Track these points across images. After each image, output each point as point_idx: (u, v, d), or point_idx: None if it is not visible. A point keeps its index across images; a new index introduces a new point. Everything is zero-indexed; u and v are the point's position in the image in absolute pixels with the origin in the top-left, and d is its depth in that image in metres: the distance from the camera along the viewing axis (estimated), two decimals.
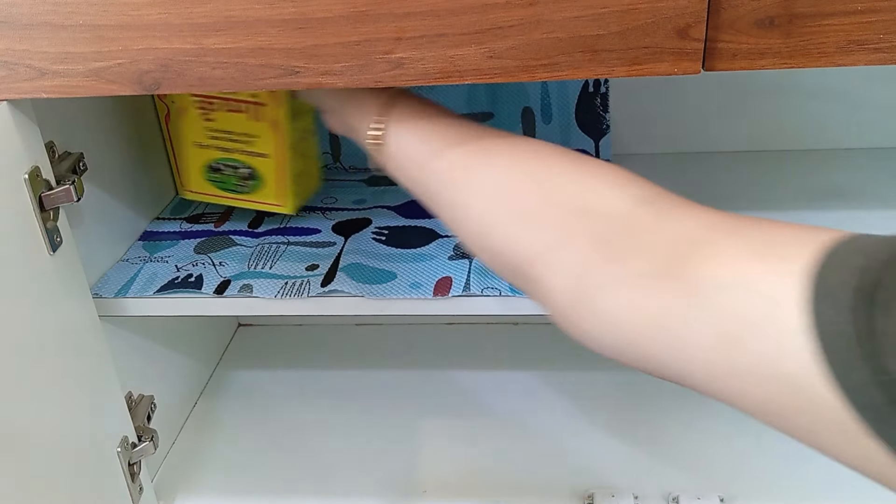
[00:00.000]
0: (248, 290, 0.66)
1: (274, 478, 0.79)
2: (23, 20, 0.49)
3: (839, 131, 0.84)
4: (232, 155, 0.71)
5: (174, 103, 0.71)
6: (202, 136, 0.71)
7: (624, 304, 0.39)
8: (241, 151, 0.71)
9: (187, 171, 0.74)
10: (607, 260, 0.40)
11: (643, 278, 0.39)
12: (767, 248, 0.36)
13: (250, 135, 0.70)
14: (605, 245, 0.41)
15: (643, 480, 0.74)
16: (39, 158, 0.57)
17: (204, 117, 0.70)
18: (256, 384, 0.93)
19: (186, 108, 0.71)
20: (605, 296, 0.40)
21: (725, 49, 0.46)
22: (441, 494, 0.76)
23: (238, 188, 0.73)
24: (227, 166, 0.72)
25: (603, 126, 0.82)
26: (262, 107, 0.68)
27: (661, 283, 0.38)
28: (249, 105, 0.68)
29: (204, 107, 0.70)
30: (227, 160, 0.72)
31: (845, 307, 0.31)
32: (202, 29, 0.49)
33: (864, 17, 0.45)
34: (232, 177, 0.72)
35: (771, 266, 0.35)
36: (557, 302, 0.43)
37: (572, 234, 0.42)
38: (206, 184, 0.74)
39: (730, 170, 0.82)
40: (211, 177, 0.73)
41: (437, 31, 0.47)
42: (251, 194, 0.73)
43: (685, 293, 0.37)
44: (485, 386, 0.89)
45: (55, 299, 0.58)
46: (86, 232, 0.68)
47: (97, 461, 0.63)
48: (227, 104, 0.69)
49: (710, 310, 0.36)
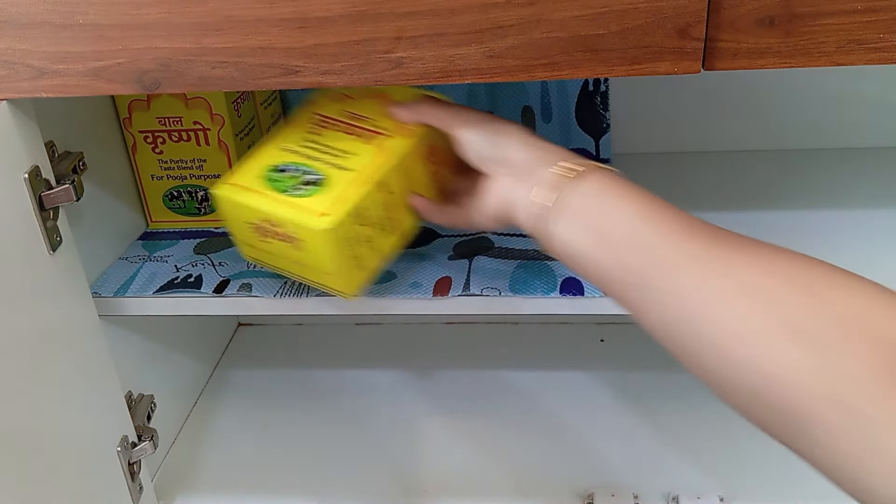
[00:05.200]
0: (247, 290, 0.66)
1: (274, 478, 0.79)
2: (23, 20, 0.49)
3: (839, 131, 0.84)
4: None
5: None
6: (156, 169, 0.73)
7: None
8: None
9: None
10: (890, 387, 0.33)
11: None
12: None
13: (200, 159, 0.69)
14: (887, 372, 0.34)
15: (643, 480, 0.74)
16: (39, 158, 0.57)
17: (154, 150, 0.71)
18: (256, 384, 0.93)
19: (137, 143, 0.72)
20: (887, 433, 0.33)
21: (725, 48, 0.46)
22: (441, 494, 0.76)
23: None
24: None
25: (603, 125, 0.82)
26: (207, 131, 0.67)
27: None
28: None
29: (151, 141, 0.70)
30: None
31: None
32: (202, 28, 0.49)
33: (863, 17, 0.45)
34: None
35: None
36: (832, 445, 0.35)
37: (856, 360, 0.34)
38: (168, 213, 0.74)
39: (730, 170, 0.82)
40: (171, 205, 0.73)
41: (436, 31, 0.47)
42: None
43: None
44: (485, 386, 0.89)
45: (55, 299, 0.58)
46: (86, 231, 0.68)
47: (97, 461, 0.63)
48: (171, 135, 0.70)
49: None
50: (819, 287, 0.37)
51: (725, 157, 0.85)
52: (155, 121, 0.71)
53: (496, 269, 0.66)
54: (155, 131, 0.72)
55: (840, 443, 0.34)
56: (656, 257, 0.41)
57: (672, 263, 0.40)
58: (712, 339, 0.38)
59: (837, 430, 0.34)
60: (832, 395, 0.34)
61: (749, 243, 0.41)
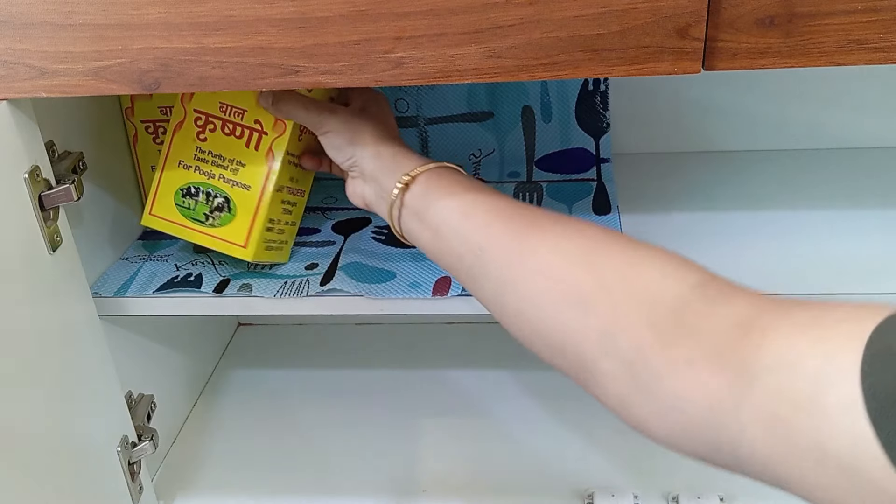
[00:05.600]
0: (247, 290, 0.66)
1: (274, 477, 0.79)
2: (23, 19, 0.49)
3: (839, 131, 0.84)
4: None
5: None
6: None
7: (679, 390, 0.39)
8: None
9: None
10: (662, 345, 0.40)
11: (698, 364, 0.38)
12: (817, 326, 0.35)
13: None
14: (660, 330, 0.40)
15: (643, 480, 0.74)
16: (39, 158, 0.57)
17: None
18: (256, 384, 0.93)
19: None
20: (660, 382, 0.39)
21: (725, 48, 0.46)
22: (441, 494, 0.76)
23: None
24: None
25: (603, 125, 0.82)
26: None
27: (716, 367, 0.37)
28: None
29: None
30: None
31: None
32: (202, 28, 0.49)
33: (863, 17, 0.45)
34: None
35: (819, 344, 0.34)
36: (611, 389, 0.42)
37: (626, 318, 0.41)
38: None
39: (730, 170, 0.82)
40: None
41: (436, 31, 0.47)
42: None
43: (738, 377, 0.36)
44: (485, 386, 0.89)
45: (55, 299, 0.58)
46: (86, 231, 0.68)
47: (97, 461, 0.63)
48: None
49: (760, 393, 0.35)
50: (599, 258, 0.45)
51: (725, 157, 0.85)
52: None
53: None
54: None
55: (623, 389, 0.41)
56: (474, 247, 0.49)
57: (486, 251, 0.48)
58: (520, 309, 0.46)
59: (621, 378, 0.41)
60: (613, 349, 0.41)
61: (545, 222, 0.48)
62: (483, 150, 0.85)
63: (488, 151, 0.85)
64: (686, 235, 0.70)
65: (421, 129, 0.85)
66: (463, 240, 0.50)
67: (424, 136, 0.85)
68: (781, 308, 0.38)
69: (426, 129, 0.84)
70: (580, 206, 0.76)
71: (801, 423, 0.33)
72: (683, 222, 0.72)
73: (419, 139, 0.85)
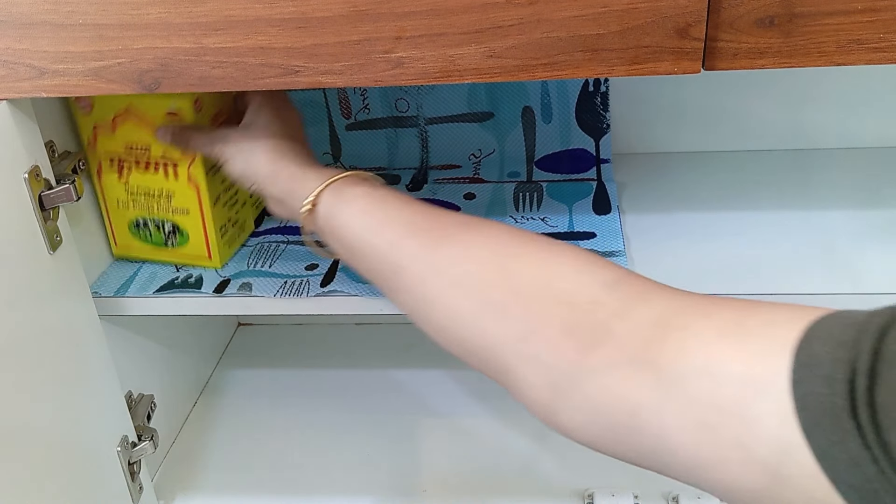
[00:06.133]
0: (247, 290, 0.66)
1: (274, 477, 0.79)
2: (22, 19, 0.49)
3: (839, 131, 0.84)
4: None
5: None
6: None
7: (599, 394, 0.38)
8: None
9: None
10: (580, 349, 0.39)
11: (617, 367, 0.38)
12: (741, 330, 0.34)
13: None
14: (577, 333, 0.40)
15: (643, 480, 0.74)
16: (39, 158, 0.57)
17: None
18: (256, 384, 0.93)
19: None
20: (580, 387, 0.39)
21: (725, 48, 0.46)
22: (441, 494, 0.76)
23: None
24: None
25: (603, 125, 0.82)
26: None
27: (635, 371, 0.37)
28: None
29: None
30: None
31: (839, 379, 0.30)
32: (202, 28, 0.49)
33: (863, 17, 0.45)
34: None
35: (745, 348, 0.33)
36: (531, 395, 0.42)
37: (542, 323, 0.41)
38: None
39: (730, 170, 0.82)
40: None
41: (437, 31, 0.47)
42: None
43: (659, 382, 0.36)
44: (485, 386, 0.89)
45: (55, 299, 0.58)
46: (86, 231, 0.68)
47: (97, 461, 0.63)
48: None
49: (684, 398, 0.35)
50: (512, 263, 0.44)
51: (725, 157, 0.85)
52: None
53: None
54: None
55: (545, 394, 0.41)
56: (391, 265, 0.49)
57: (402, 269, 0.48)
58: (441, 323, 0.46)
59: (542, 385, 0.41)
60: (532, 355, 0.41)
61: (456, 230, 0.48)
62: (483, 150, 0.85)
63: (488, 151, 0.85)
64: (686, 235, 0.70)
65: (421, 129, 0.85)
66: (378, 259, 0.49)
67: (424, 136, 0.85)
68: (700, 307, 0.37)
69: (426, 129, 0.85)
70: (580, 206, 0.76)
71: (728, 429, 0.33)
72: (683, 222, 0.72)
73: (419, 139, 0.85)
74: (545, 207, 0.76)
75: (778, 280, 0.63)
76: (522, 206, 0.76)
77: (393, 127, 0.85)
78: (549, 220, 0.73)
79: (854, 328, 0.31)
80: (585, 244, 0.69)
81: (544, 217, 0.74)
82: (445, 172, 0.84)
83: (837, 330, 0.31)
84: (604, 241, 0.69)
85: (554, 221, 0.73)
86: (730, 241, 0.69)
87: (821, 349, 0.31)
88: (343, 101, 0.84)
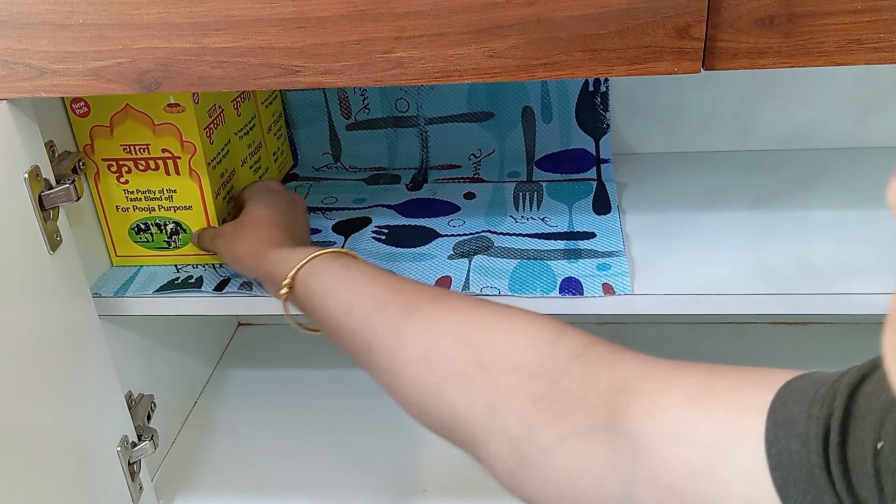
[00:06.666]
0: (247, 289, 0.66)
1: (274, 478, 0.79)
2: (22, 19, 0.49)
3: (839, 131, 0.84)
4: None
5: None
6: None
7: (567, 464, 0.38)
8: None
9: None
10: (546, 419, 0.39)
11: (584, 436, 0.38)
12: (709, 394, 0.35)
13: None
14: (543, 403, 0.40)
15: None
16: (39, 158, 0.57)
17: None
18: (256, 384, 0.93)
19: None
20: (548, 457, 0.39)
21: (725, 48, 0.46)
22: (441, 494, 0.75)
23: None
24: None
25: (603, 125, 0.82)
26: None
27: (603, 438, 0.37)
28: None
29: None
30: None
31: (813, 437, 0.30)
32: (202, 28, 0.49)
33: (863, 17, 0.45)
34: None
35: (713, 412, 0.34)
36: (499, 466, 0.42)
37: (508, 394, 0.41)
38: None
39: (730, 170, 0.82)
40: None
41: (437, 31, 0.47)
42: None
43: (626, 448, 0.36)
44: None
45: (55, 299, 0.58)
46: (86, 231, 0.68)
47: (97, 461, 0.63)
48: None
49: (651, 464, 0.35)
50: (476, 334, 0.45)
51: (725, 157, 0.85)
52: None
53: (496, 269, 0.66)
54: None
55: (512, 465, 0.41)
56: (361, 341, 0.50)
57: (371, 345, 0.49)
58: (410, 398, 0.47)
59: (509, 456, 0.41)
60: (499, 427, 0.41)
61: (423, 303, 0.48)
62: (483, 150, 0.85)
63: (488, 151, 0.85)
64: (686, 235, 0.70)
65: (421, 129, 0.85)
66: (350, 335, 0.51)
67: (424, 136, 0.85)
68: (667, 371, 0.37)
69: (426, 129, 0.85)
70: (580, 206, 0.76)
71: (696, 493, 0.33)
72: (683, 222, 0.72)
73: (419, 139, 0.85)
74: (545, 207, 0.76)
75: (778, 280, 0.63)
76: (522, 206, 0.76)
77: (393, 127, 0.85)
78: (548, 220, 0.73)
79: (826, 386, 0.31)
80: (585, 244, 0.69)
81: (544, 217, 0.74)
82: (445, 172, 0.84)
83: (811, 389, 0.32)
84: (604, 241, 0.69)
85: (554, 221, 0.73)
86: (730, 241, 0.69)
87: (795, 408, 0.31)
88: (343, 100, 0.85)
